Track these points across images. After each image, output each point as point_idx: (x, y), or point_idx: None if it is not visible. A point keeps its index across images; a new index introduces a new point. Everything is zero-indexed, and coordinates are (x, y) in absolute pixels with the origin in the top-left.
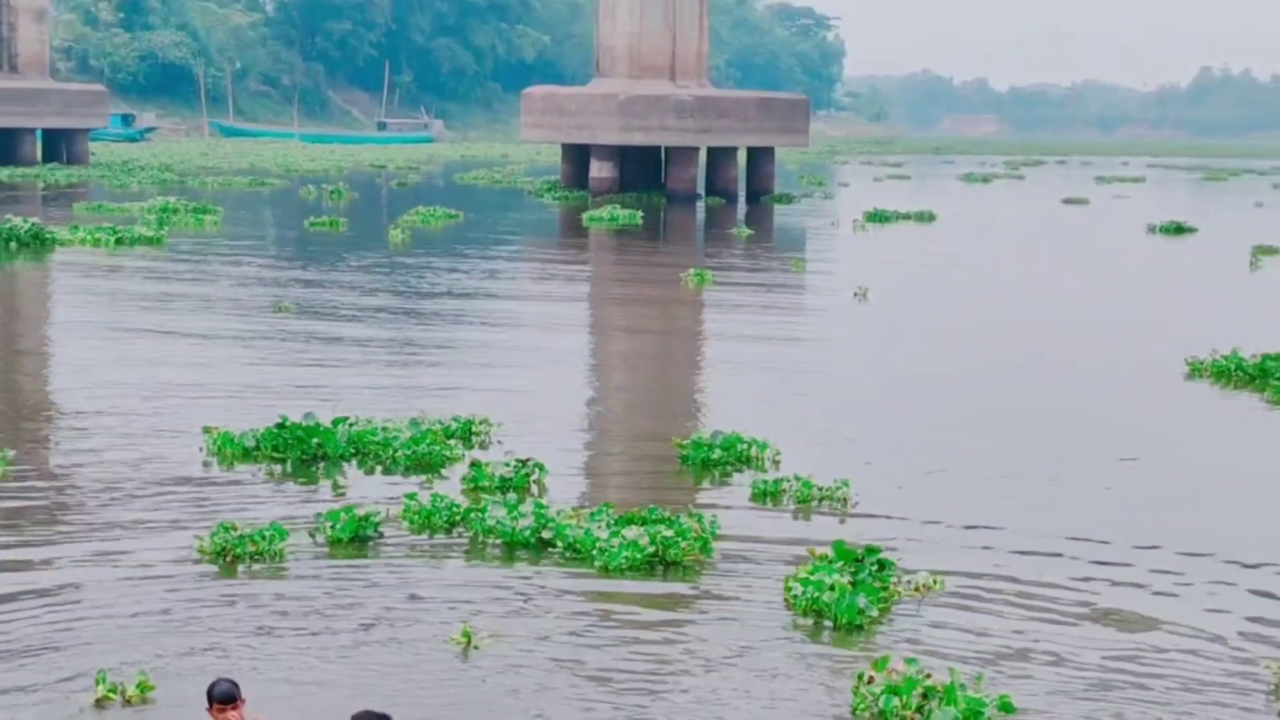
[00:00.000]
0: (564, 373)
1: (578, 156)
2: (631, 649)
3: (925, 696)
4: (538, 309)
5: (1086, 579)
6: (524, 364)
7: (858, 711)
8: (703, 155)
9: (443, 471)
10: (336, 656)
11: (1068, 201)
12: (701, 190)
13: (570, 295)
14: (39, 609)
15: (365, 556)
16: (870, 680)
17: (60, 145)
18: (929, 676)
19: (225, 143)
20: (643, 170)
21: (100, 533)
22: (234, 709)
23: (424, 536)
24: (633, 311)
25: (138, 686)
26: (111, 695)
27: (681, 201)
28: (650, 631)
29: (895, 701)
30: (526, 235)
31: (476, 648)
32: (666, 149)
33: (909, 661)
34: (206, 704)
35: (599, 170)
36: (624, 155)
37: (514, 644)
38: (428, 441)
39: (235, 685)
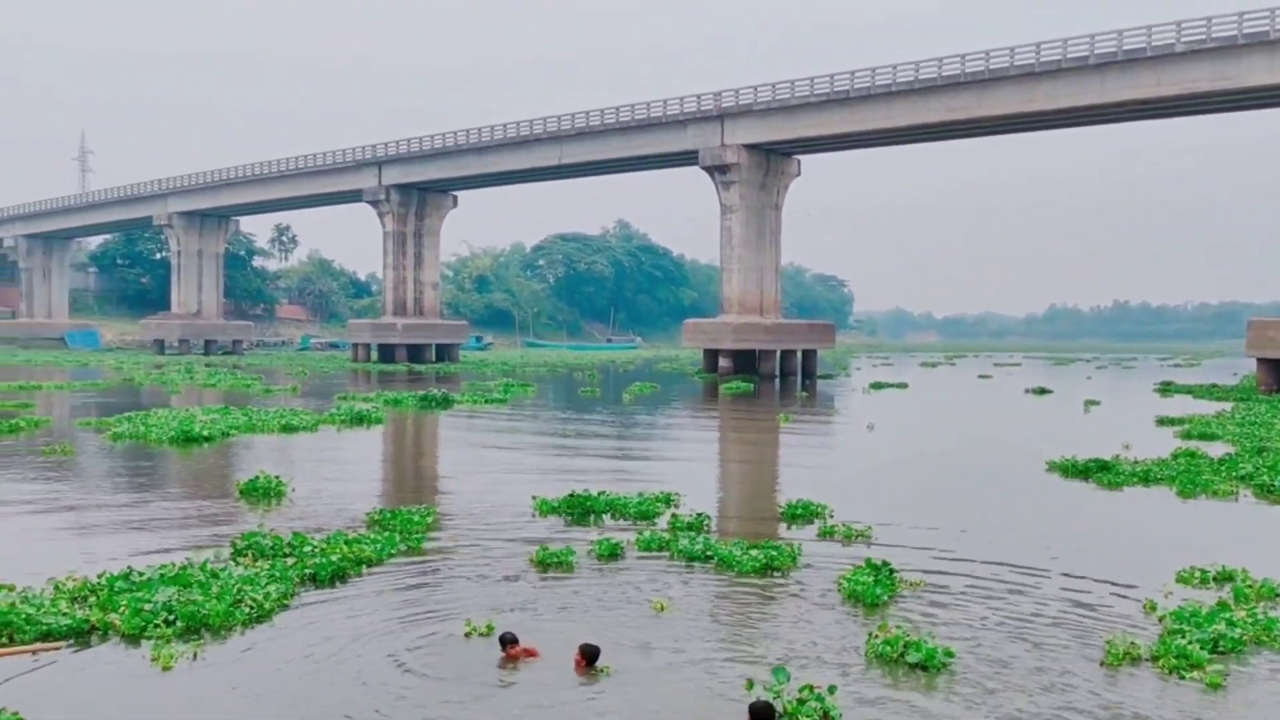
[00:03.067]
0: (714, 467)
1: (711, 355)
2: (749, 611)
3: (905, 646)
4: (698, 433)
5: (1007, 577)
6: (694, 461)
7: (868, 652)
8: (777, 354)
9: (655, 520)
10: (594, 616)
11: (981, 376)
12: (777, 373)
13: (715, 426)
14: (431, 586)
15: (616, 566)
16: (875, 635)
17: (445, 352)
18: (908, 635)
19: (530, 351)
20: (745, 362)
21: (472, 550)
22: (515, 647)
23: (648, 554)
24: (749, 435)
25: (486, 626)
26: (472, 632)
27: (766, 379)
28: (761, 602)
29: (888, 648)
30: (690, 398)
31: (663, 609)
32: (758, 350)
33: (898, 627)
34: (500, 648)
35: (723, 362)
36: (736, 354)
37: (685, 609)
38: (647, 504)
39: (514, 634)
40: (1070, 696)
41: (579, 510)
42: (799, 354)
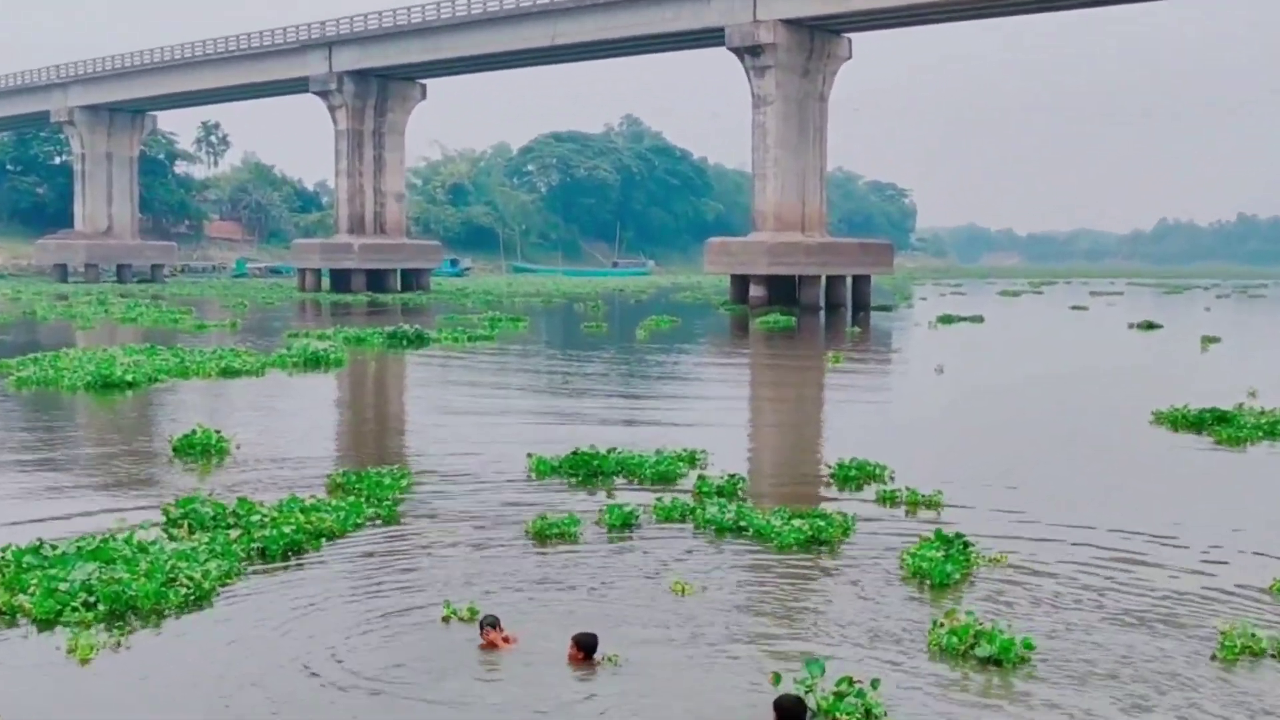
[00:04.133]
0: (748, 420)
1: (740, 282)
2: (789, 593)
3: (976, 636)
4: (728, 378)
5: (1104, 552)
6: (723, 413)
7: (931, 644)
8: (823, 280)
9: (677, 483)
10: (601, 599)
11: (1074, 308)
12: (822, 305)
13: (748, 370)
14: (404, 562)
15: (629, 539)
16: (940, 624)
17: (412, 279)
18: (980, 623)
19: (517, 277)
20: (783, 290)
21: (454, 519)
22: (496, 631)
23: (668, 524)
24: (789, 380)
25: (468, 610)
26: (451, 616)
27: (809, 311)
28: (804, 583)
29: (955, 638)
30: (716, 335)
31: (684, 592)
32: (799, 276)
33: (969, 613)
34: (479, 629)
35: (755, 291)
36: (771, 281)
37: (711, 591)
38: (667, 464)
39: (495, 616)
40: (1174, 699)
41: (584, 471)
42: (849, 280)
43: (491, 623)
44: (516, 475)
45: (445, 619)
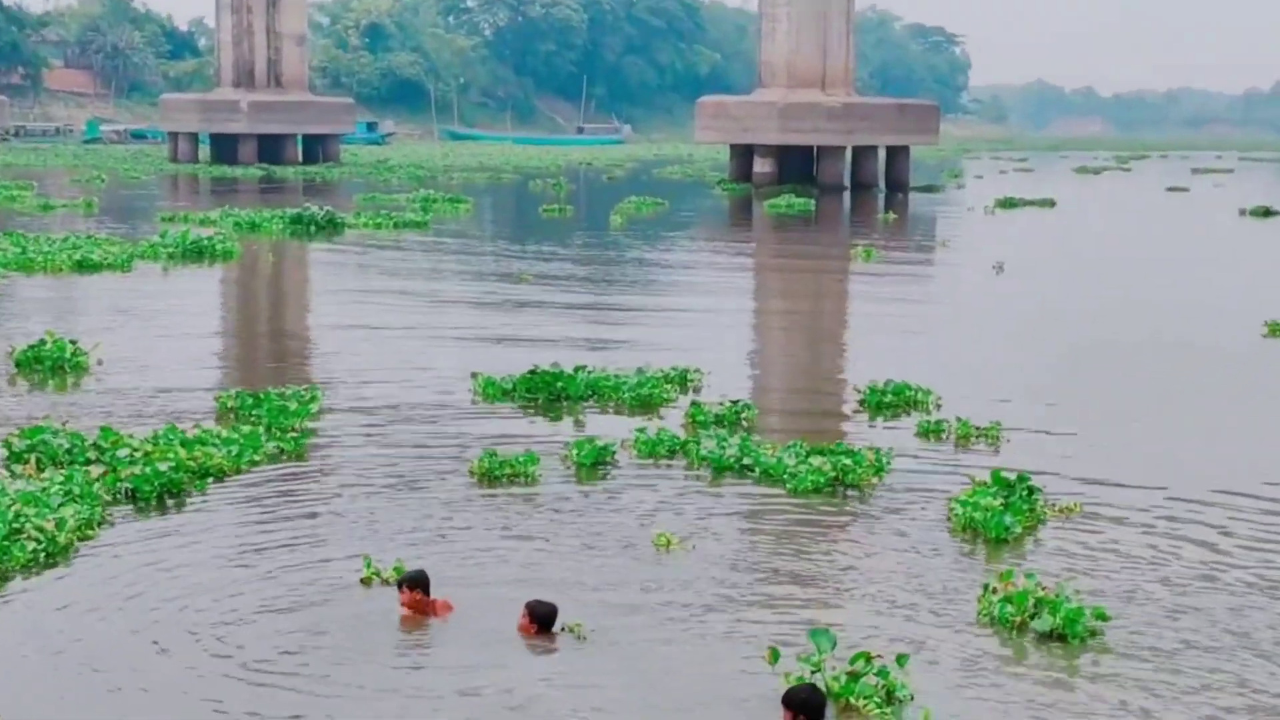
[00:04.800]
0: (754, 330)
1: (743, 155)
2: (804, 549)
3: (1037, 604)
4: (728, 278)
5: (1203, 501)
6: (722, 322)
7: (981, 613)
8: (848, 153)
9: (661, 411)
10: (565, 557)
11: (1171, 190)
12: (847, 183)
13: (753, 267)
14: (312, 508)
15: (603, 480)
16: (993, 590)
17: (317, 148)
18: (1043, 589)
19: (454, 145)
20: (797, 166)
21: (378, 454)
22: (418, 591)
23: (649, 462)
24: (806, 281)
25: (393, 569)
26: (372, 577)
27: (831, 192)
28: (824, 537)
29: (1010, 608)
30: (712, 222)
31: (670, 545)
32: (818, 148)
33: (1029, 576)
34: (398, 586)
35: (761, 166)
36: (782, 153)
37: (704, 546)
38: (651, 386)
39: (424, 573)
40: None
41: (546, 395)
42: (882, 153)
43: (416, 582)
44: (458, 401)
45: (365, 581)
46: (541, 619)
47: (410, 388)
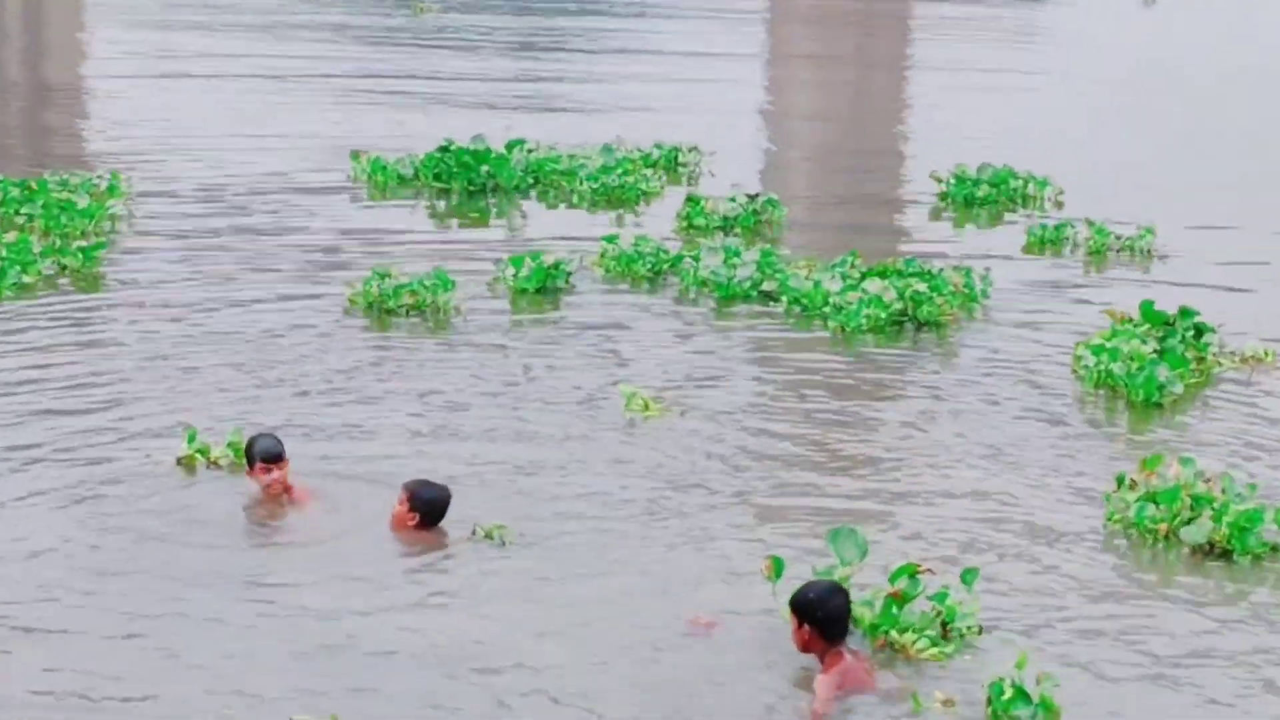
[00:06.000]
0: (786, 91)
1: None
2: (848, 419)
3: (1193, 504)
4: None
5: None
6: (744, 71)
7: (1109, 517)
8: None
9: (639, 209)
10: (486, 428)
11: None
12: None
13: None
14: (144, 357)
15: (550, 311)
16: (1130, 483)
17: None
18: (1206, 481)
19: None
20: None
21: (204, 270)
22: (278, 468)
23: (623, 288)
24: (861, 15)
25: (229, 443)
26: (197, 456)
27: None
28: (880, 398)
29: (1151, 509)
30: None
31: (648, 411)
32: None
33: (1185, 462)
34: (246, 465)
35: None
36: None
37: (705, 416)
38: (623, 167)
39: (279, 442)
40: None
41: (464, 184)
42: None
43: (269, 455)
44: (330, 189)
45: (186, 461)
46: (428, 506)
47: (254, 172)
